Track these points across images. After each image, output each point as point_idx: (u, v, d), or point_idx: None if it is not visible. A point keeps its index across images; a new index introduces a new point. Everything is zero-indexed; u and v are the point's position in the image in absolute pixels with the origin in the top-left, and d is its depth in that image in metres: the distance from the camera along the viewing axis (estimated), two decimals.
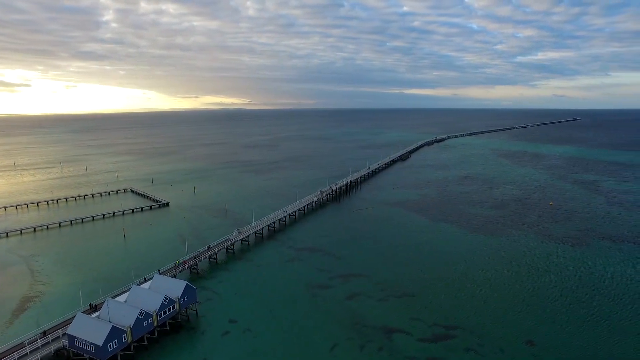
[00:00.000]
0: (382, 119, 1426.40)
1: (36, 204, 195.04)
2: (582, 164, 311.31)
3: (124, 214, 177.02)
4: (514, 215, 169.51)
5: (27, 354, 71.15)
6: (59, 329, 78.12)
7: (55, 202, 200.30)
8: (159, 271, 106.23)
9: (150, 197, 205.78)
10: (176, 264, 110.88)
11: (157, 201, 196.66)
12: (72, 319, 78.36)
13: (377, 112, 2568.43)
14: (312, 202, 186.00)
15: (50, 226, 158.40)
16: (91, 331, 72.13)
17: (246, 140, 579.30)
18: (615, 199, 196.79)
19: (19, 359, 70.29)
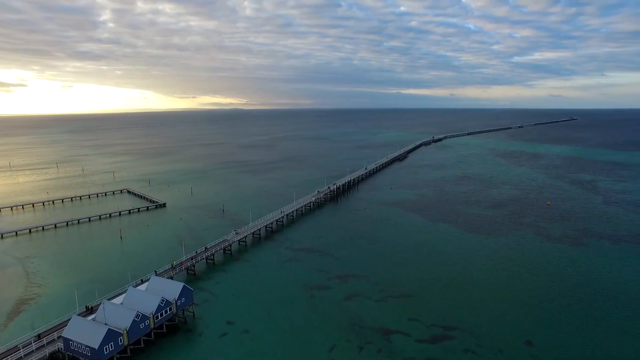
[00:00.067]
0: (379, 119, 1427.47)
1: (32, 205, 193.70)
2: (579, 164, 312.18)
3: (120, 214, 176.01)
4: (511, 215, 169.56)
5: (21, 358, 70.27)
6: (54, 331, 77.32)
7: (51, 202, 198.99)
8: (155, 272, 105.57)
9: (147, 198, 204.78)
10: (173, 265, 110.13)
11: (154, 202, 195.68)
12: (67, 321, 77.59)
13: (375, 112, 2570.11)
14: (310, 202, 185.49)
15: (45, 227, 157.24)
16: (87, 334, 71.37)
17: (243, 140, 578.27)
18: (612, 198, 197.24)
19: None
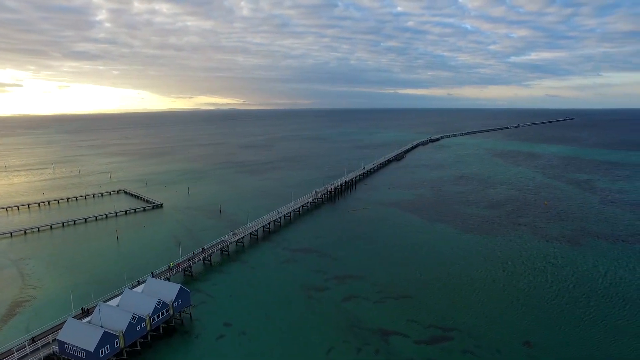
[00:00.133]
0: (377, 118, 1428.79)
1: (27, 206, 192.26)
2: (575, 164, 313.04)
3: (117, 215, 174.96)
4: (509, 215, 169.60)
5: None
6: (49, 334, 76.42)
7: (46, 203, 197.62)
8: (152, 274, 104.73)
9: (143, 199, 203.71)
10: (170, 266, 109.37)
11: (150, 202, 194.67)
12: (62, 324, 76.70)
13: (372, 112, 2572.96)
14: (307, 202, 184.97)
15: (41, 228, 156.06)
16: (82, 337, 70.56)
17: (241, 140, 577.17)
18: (609, 198, 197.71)
19: None
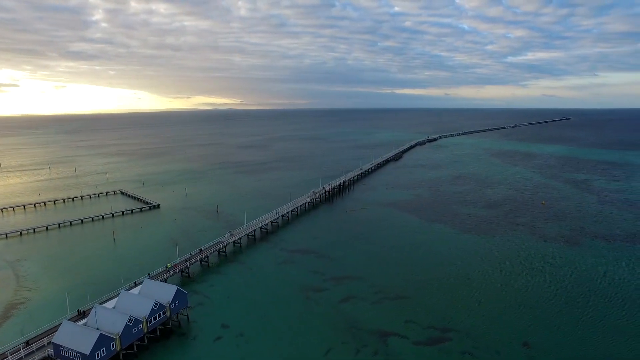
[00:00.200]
0: (374, 118, 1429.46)
1: (23, 207, 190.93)
2: (573, 163, 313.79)
3: (113, 216, 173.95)
4: (507, 215, 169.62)
5: None
6: (44, 337, 75.65)
7: (42, 204, 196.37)
8: (149, 275, 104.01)
9: (140, 199, 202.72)
10: (167, 268, 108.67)
11: (147, 203, 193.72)
12: (58, 326, 75.93)
13: (370, 112, 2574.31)
14: (305, 203, 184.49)
15: (37, 230, 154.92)
16: (78, 339, 69.85)
17: (238, 140, 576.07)
18: (606, 197, 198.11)
19: None
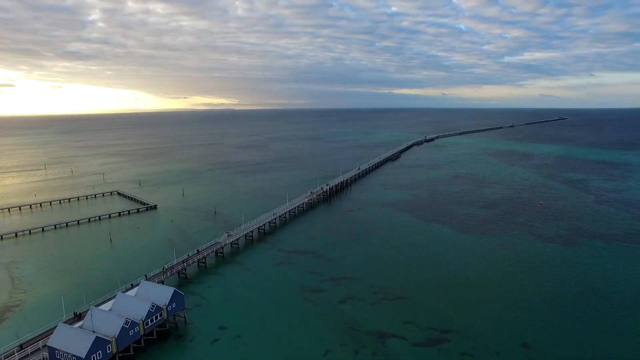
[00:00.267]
0: (372, 118, 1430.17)
1: (18, 208, 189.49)
2: (570, 163, 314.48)
3: (110, 217, 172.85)
4: (504, 214, 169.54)
5: None
6: (39, 340, 74.77)
7: (38, 205, 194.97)
8: (145, 277, 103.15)
9: (137, 200, 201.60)
10: (164, 269, 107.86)
11: (144, 204, 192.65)
12: (53, 329, 75.11)
13: (367, 112, 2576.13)
14: (303, 203, 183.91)
15: (32, 231, 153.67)
16: (73, 342, 69.05)
17: (236, 140, 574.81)
18: (603, 197, 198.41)
19: None
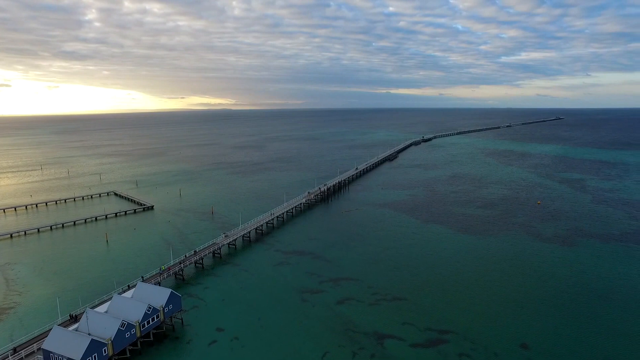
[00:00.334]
0: (369, 118, 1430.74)
1: (14, 209, 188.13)
2: (567, 163, 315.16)
3: (106, 218, 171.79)
4: (502, 214, 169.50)
5: None
6: (33, 343, 73.90)
7: (34, 206, 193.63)
8: (142, 278, 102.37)
9: (134, 201, 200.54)
10: (161, 270, 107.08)
11: (141, 204, 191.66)
12: (48, 332, 74.27)
13: (365, 112, 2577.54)
14: (300, 203, 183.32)
15: (28, 232, 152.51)
16: (68, 345, 68.24)
17: (233, 141, 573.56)
18: (601, 197, 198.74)
19: None
